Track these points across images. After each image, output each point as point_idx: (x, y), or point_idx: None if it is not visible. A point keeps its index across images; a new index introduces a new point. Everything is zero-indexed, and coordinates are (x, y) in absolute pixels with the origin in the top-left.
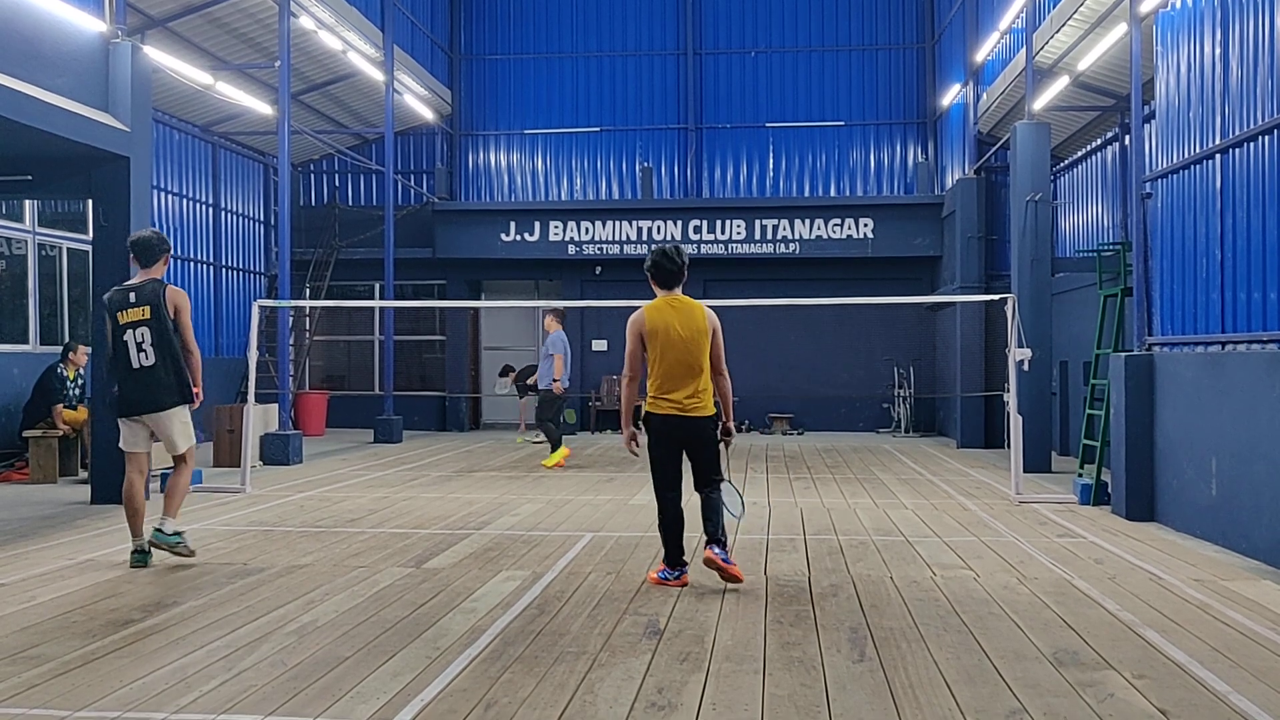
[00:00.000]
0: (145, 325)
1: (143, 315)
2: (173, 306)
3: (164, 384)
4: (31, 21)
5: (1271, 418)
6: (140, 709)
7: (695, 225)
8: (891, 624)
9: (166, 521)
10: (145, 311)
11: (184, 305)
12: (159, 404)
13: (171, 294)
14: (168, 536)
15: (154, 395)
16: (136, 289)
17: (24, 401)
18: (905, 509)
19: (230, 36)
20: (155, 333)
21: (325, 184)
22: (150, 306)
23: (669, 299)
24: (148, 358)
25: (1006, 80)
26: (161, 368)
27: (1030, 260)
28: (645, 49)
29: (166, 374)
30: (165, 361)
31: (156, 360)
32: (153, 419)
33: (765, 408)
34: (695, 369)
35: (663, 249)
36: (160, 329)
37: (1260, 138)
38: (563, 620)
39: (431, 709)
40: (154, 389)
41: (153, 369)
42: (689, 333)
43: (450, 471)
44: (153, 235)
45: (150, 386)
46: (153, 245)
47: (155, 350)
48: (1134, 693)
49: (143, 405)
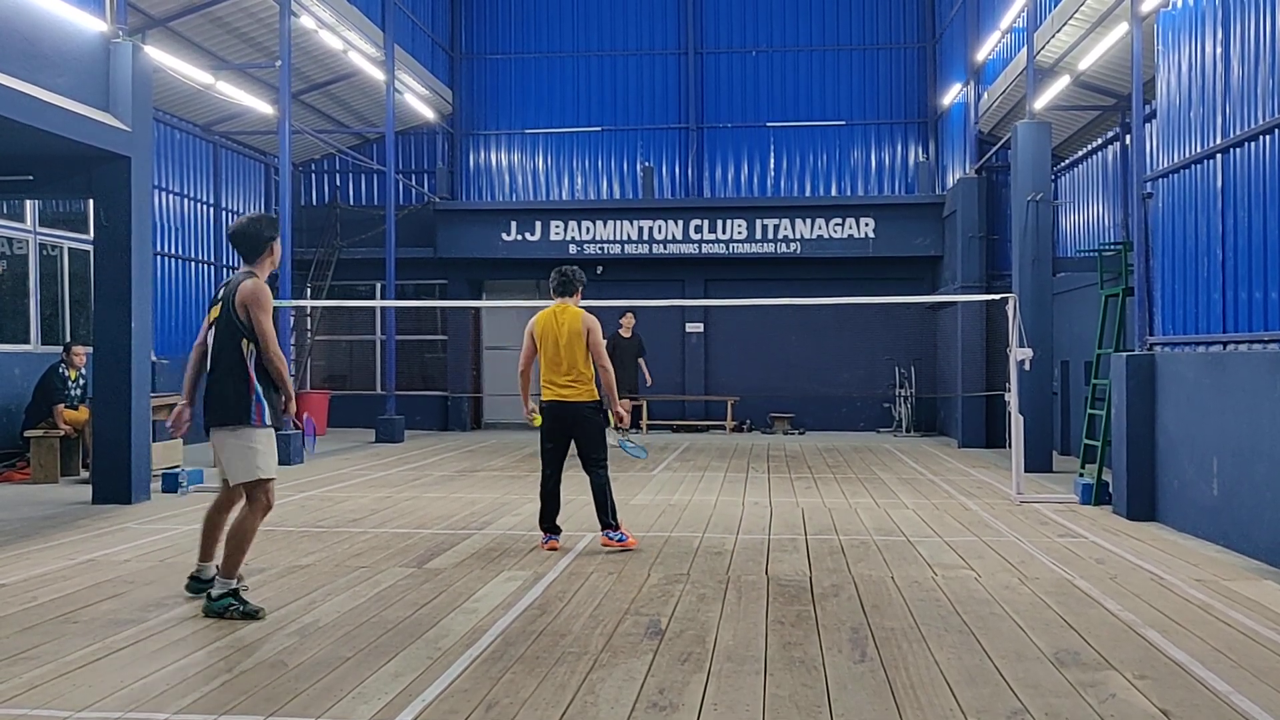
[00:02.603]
0: (215, 326)
1: (217, 313)
2: (241, 306)
3: (220, 397)
4: (32, 21)
5: (1273, 417)
6: (142, 709)
7: (696, 225)
8: (893, 624)
9: (215, 577)
10: (217, 310)
11: (257, 302)
12: (210, 419)
13: (243, 291)
14: (214, 603)
15: (209, 409)
16: (225, 284)
17: (25, 401)
18: (906, 509)
19: (231, 36)
20: (220, 335)
21: (326, 184)
22: (222, 304)
23: (557, 307)
24: (212, 364)
25: (1007, 80)
26: (220, 378)
27: (1031, 260)
28: (646, 48)
29: (224, 385)
30: (224, 370)
31: (215, 367)
32: (213, 436)
33: (766, 407)
34: (570, 363)
35: (561, 269)
36: (226, 331)
37: (1261, 137)
38: (564, 621)
39: (433, 709)
40: (211, 402)
41: (215, 377)
42: (567, 335)
43: (452, 471)
44: (250, 222)
45: (209, 399)
46: (251, 234)
47: (216, 355)
48: (1135, 693)
49: (206, 419)
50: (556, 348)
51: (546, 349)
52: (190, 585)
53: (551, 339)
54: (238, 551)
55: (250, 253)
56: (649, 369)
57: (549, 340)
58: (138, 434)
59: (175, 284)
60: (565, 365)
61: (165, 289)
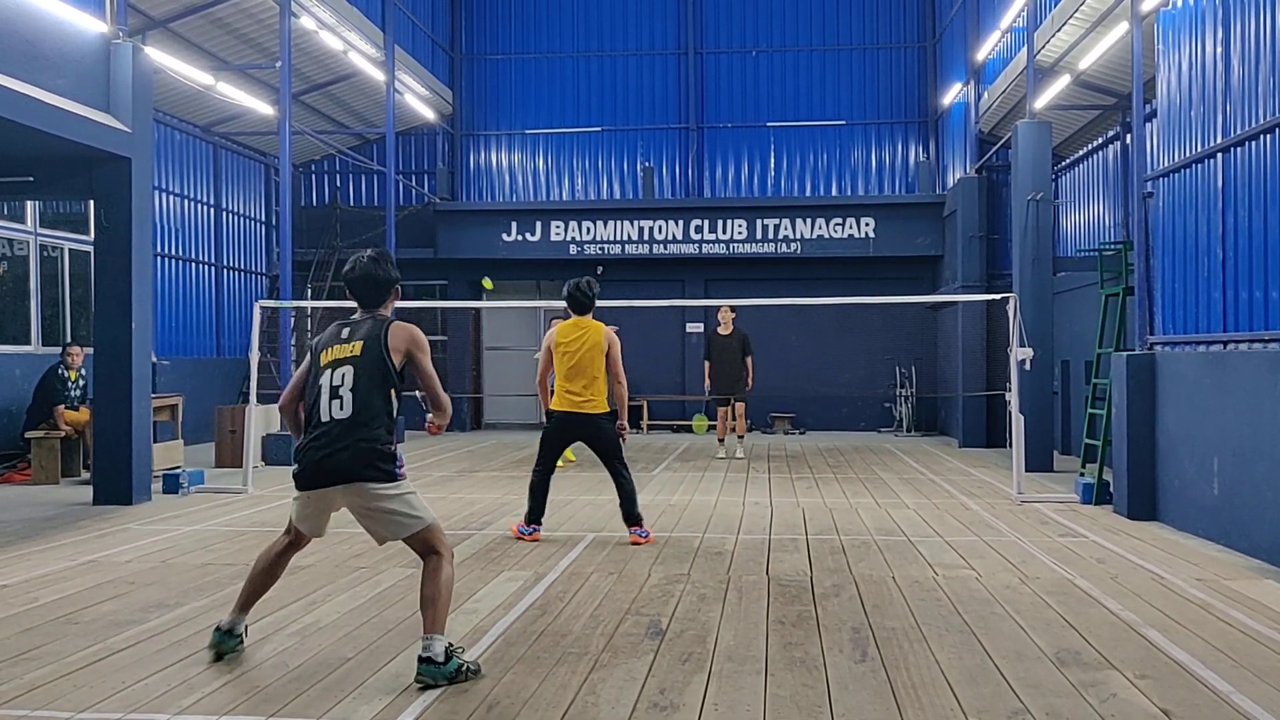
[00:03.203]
0: (349, 364)
1: (351, 351)
2: (398, 350)
3: (359, 445)
4: (32, 22)
5: (1273, 417)
6: (143, 710)
7: (696, 225)
8: (893, 624)
9: (434, 643)
10: (356, 348)
11: (421, 346)
12: (344, 472)
13: (401, 333)
14: (440, 669)
15: (338, 460)
16: (353, 324)
17: (26, 402)
18: (907, 508)
19: (231, 37)
20: (362, 375)
21: (326, 184)
22: (364, 342)
23: (576, 321)
24: (343, 407)
25: (1008, 79)
26: (358, 422)
27: (1031, 259)
28: (646, 48)
29: (366, 431)
30: (370, 415)
31: (354, 411)
32: (343, 496)
33: (767, 407)
34: (590, 375)
35: (578, 284)
36: (369, 370)
37: (1262, 136)
38: (565, 621)
39: (433, 710)
40: (341, 452)
41: (348, 423)
42: (589, 347)
43: (452, 471)
44: (373, 263)
45: (338, 448)
46: (374, 279)
47: (355, 398)
48: (1136, 693)
49: (322, 474)
50: (576, 359)
51: (565, 360)
52: (218, 641)
53: (572, 351)
54: (444, 606)
55: (375, 298)
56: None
57: (569, 352)
58: (138, 435)
59: (175, 285)
60: (583, 377)
61: (165, 290)
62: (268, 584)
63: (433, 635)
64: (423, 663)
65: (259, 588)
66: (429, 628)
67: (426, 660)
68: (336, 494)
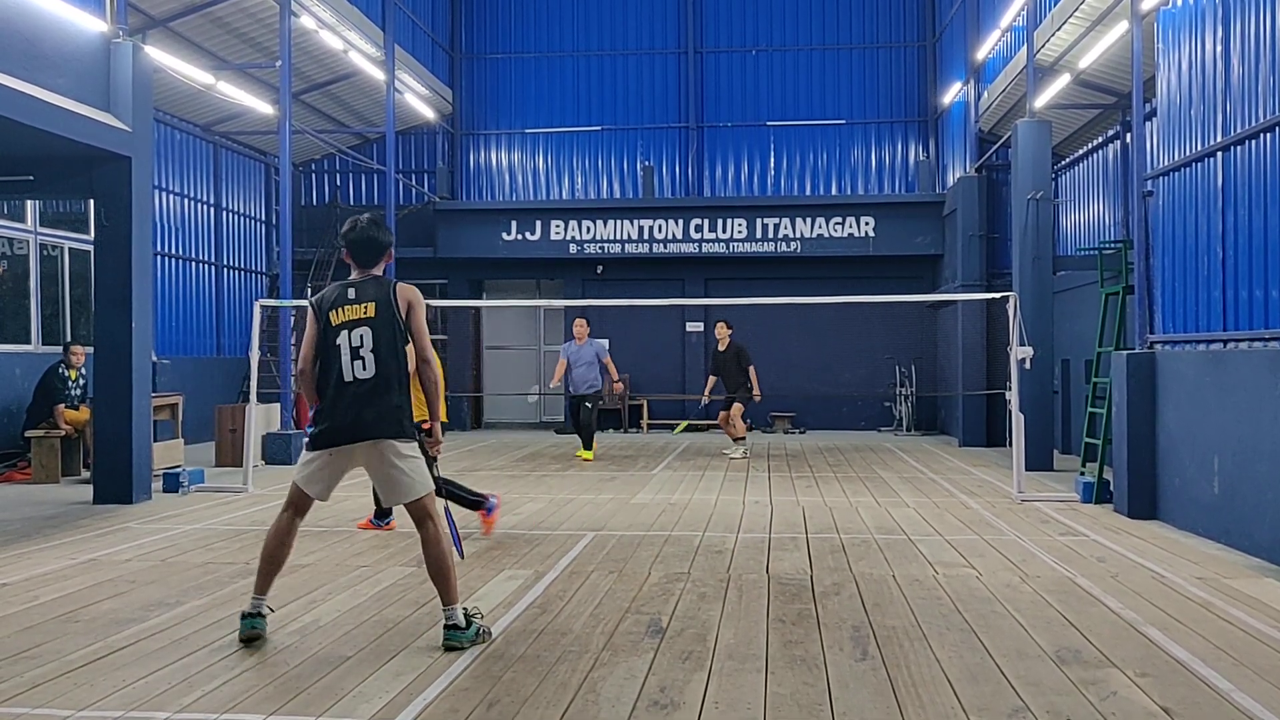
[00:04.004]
0: (366, 325)
1: (365, 313)
2: (405, 303)
3: (385, 403)
4: (32, 21)
5: (1274, 415)
6: (143, 708)
7: (696, 224)
8: (894, 622)
9: (455, 612)
10: (369, 309)
11: (421, 302)
12: (374, 430)
13: (406, 289)
14: (464, 633)
15: (368, 419)
16: (357, 284)
17: (26, 402)
18: (907, 507)
19: (231, 36)
20: (381, 336)
21: (326, 183)
22: (376, 303)
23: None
24: (365, 368)
25: (1008, 78)
26: (384, 383)
27: (1031, 258)
28: (646, 48)
29: (391, 392)
30: (391, 376)
31: (378, 371)
32: (365, 452)
33: (767, 407)
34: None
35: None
36: (390, 332)
37: (1262, 135)
38: (565, 619)
39: (434, 708)
40: (369, 409)
41: (373, 382)
42: None
43: (452, 471)
44: (371, 226)
45: (365, 407)
46: (374, 241)
47: (378, 359)
48: (1136, 691)
49: (348, 431)
50: None
51: None
52: (249, 627)
53: None
54: (451, 573)
55: (371, 258)
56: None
57: None
58: (138, 434)
59: (176, 284)
60: None
61: (166, 289)
62: (283, 559)
63: (452, 606)
64: (449, 629)
65: (275, 566)
66: (448, 600)
67: (452, 627)
68: (359, 451)
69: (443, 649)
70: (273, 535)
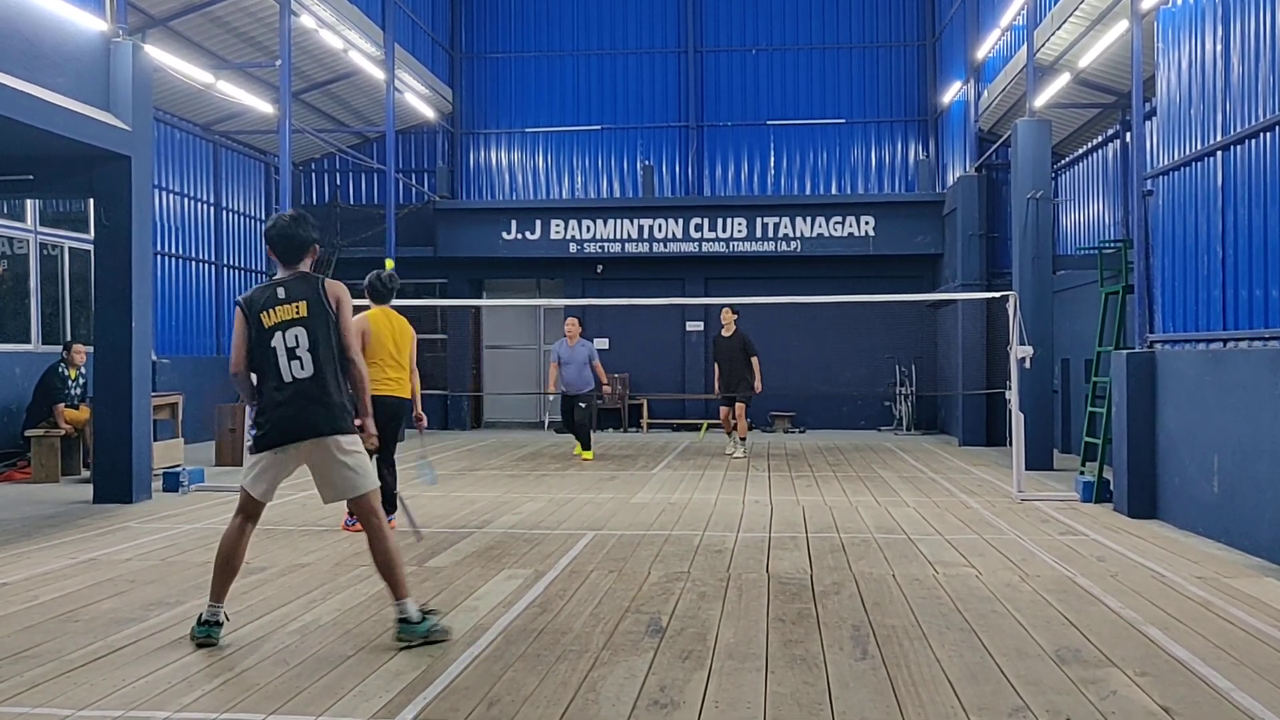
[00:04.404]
0: (300, 325)
1: (297, 313)
2: (334, 299)
3: (326, 401)
4: (32, 21)
5: (1274, 415)
6: (143, 708)
7: (696, 223)
8: (894, 622)
9: (406, 605)
10: (301, 308)
11: (347, 300)
12: (317, 427)
13: (335, 285)
14: (416, 626)
15: (310, 416)
16: (285, 283)
17: (26, 401)
18: (907, 507)
19: (231, 35)
20: (315, 334)
21: (326, 183)
22: (307, 301)
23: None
24: (304, 367)
25: (1007, 77)
26: (323, 380)
27: (1031, 258)
28: (646, 47)
29: (330, 389)
30: (330, 372)
31: (316, 370)
32: (309, 450)
33: (766, 406)
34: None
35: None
36: (323, 329)
37: (1262, 134)
38: (565, 619)
39: (434, 707)
40: (311, 407)
41: (312, 381)
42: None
43: (452, 470)
44: (292, 223)
45: (306, 404)
46: (295, 236)
47: (314, 356)
48: (1136, 690)
49: (293, 430)
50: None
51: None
52: (200, 632)
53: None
54: (399, 567)
55: (292, 255)
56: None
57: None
58: (138, 433)
59: (175, 284)
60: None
61: (165, 289)
62: (237, 564)
63: (403, 600)
64: (400, 623)
65: (230, 572)
66: (398, 594)
67: (403, 620)
68: (304, 450)
69: (396, 643)
70: (227, 541)
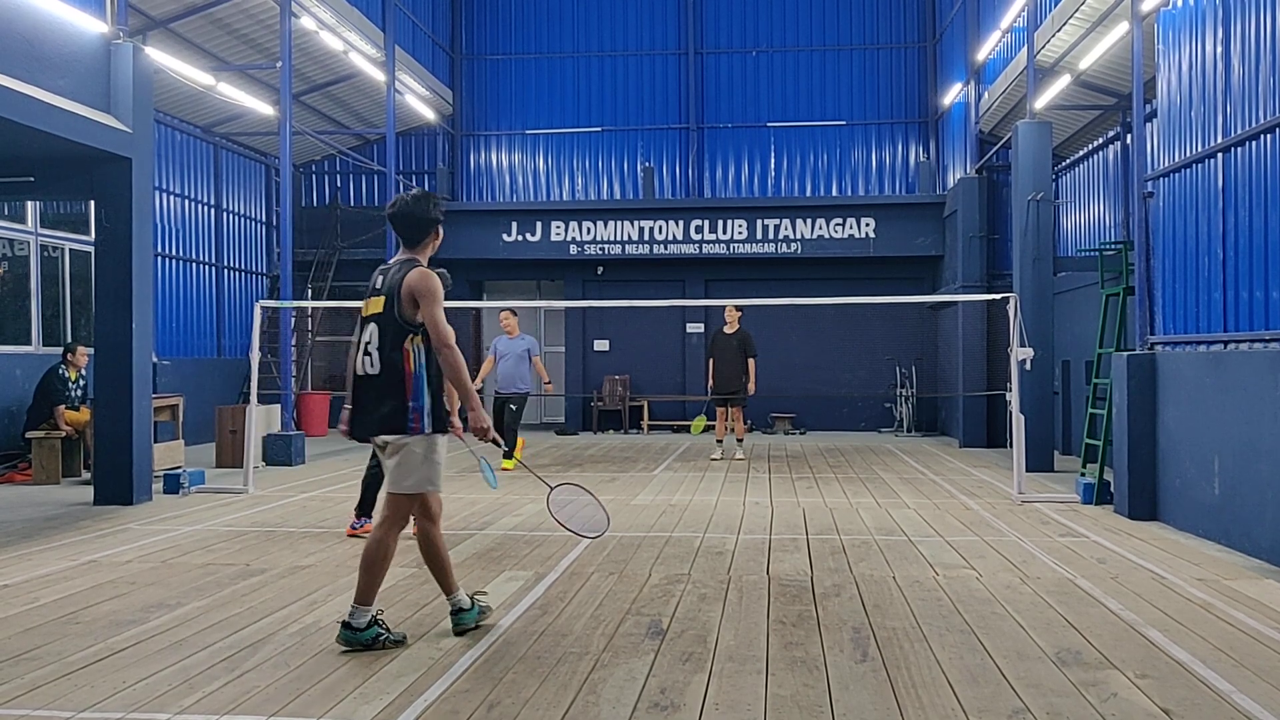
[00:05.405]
0: (374, 321)
1: (376, 308)
2: (409, 298)
3: (381, 401)
4: (33, 22)
5: (1274, 416)
6: (144, 709)
7: (697, 225)
8: (894, 624)
9: (456, 597)
10: (380, 303)
11: (430, 293)
12: (367, 427)
13: (412, 280)
14: (469, 614)
15: (367, 416)
16: (386, 271)
17: (27, 403)
18: (908, 508)
19: (232, 37)
20: (384, 331)
21: (327, 184)
22: (386, 297)
23: None
24: (371, 364)
25: (1008, 79)
26: (380, 380)
27: (1032, 259)
28: (646, 49)
29: (387, 389)
30: (389, 372)
31: (380, 369)
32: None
33: (767, 407)
34: None
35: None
36: (391, 328)
37: (1262, 136)
38: (565, 621)
39: (434, 709)
40: (370, 407)
41: (374, 380)
42: None
43: (452, 472)
44: (415, 201)
45: (366, 404)
46: (416, 215)
47: (381, 355)
48: (1137, 692)
49: (355, 428)
50: None
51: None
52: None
53: None
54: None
55: (414, 236)
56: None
57: None
58: (139, 435)
59: (176, 285)
60: None
61: (166, 290)
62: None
63: (455, 593)
64: (454, 614)
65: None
66: (448, 589)
67: (457, 611)
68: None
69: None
70: (371, 543)
